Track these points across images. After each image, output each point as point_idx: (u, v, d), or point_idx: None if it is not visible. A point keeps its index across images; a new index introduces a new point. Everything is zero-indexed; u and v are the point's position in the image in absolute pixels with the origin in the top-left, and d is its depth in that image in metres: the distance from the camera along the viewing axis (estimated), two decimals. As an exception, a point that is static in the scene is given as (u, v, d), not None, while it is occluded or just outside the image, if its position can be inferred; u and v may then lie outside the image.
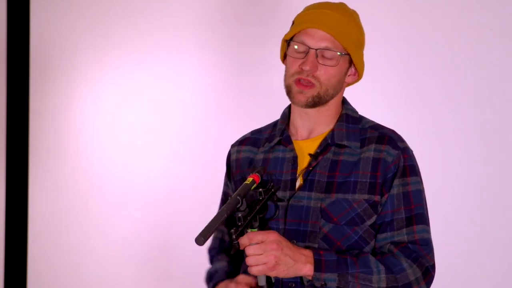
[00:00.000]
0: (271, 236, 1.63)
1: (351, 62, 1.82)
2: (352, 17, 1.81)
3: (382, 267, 1.70)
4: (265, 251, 1.62)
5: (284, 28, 1.90)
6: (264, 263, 1.62)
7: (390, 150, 1.77)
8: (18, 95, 3.35)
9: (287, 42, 1.80)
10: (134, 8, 3.19)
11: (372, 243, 1.76)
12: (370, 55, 2.75)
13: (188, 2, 3.10)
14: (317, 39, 1.75)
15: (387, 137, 1.79)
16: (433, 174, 1.92)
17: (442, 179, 2.62)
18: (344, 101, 1.87)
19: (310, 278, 1.68)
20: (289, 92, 1.79)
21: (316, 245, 1.73)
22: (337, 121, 1.83)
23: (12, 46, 3.34)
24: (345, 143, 1.79)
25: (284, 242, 1.65)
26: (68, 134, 3.30)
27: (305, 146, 1.82)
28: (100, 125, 3.24)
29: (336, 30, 1.75)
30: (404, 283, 1.70)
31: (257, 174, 1.67)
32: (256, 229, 1.64)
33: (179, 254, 3.04)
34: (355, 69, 1.84)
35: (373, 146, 1.78)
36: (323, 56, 1.75)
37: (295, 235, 1.75)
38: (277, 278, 1.71)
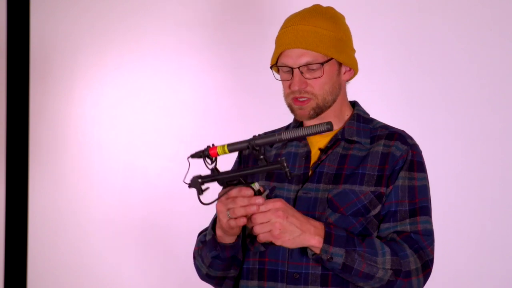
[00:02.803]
0: (277, 204, 1.64)
1: (340, 62, 1.84)
2: (325, 20, 1.82)
3: (387, 249, 1.71)
4: (270, 219, 1.62)
5: (284, 28, 1.89)
6: (269, 231, 1.63)
7: (399, 145, 1.80)
8: (18, 95, 3.35)
9: (272, 67, 1.86)
10: (134, 8, 3.19)
11: (376, 233, 1.78)
12: (370, 55, 2.76)
13: (188, 2, 3.10)
14: (295, 57, 1.79)
15: (397, 134, 1.83)
16: (432, 173, 1.92)
17: (442, 179, 2.62)
18: (356, 104, 1.92)
19: (317, 250, 1.68)
20: (291, 110, 1.86)
21: None
22: (349, 119, 1.88)
23: (12, 46, 3.34)
24: (355, 138, 1.83)
25: (290, 210, 1.65)
26: (68, 134, 3.30)
27: (316, 142, 1.86)
28: (100, 125, 3.24)
29: (309, 42, 1.78)
30: (405, 270, 1.71)
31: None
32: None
33: (179, 254, 3.04)
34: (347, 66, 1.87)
35: (382, 142, 1.82)
36: (308, 70, 1.79)
37: None
38: (281, 269, 1.74)
